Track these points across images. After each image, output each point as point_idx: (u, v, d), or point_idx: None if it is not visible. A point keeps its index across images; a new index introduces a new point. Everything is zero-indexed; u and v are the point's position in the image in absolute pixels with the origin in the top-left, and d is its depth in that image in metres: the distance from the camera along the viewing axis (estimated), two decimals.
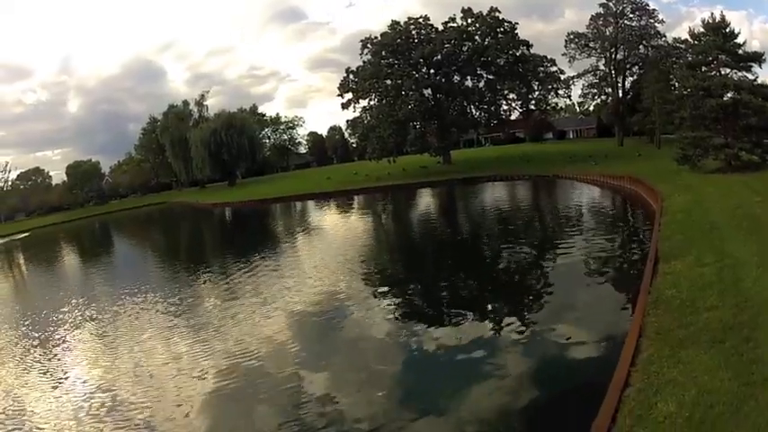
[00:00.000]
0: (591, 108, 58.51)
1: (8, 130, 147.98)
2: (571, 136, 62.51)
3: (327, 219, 37.78)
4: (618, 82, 48.45)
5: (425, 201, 38.03)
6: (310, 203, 47.20)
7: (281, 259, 23.66)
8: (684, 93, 29.00)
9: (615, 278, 13.99)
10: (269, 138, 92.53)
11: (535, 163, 37.35)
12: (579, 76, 52.04)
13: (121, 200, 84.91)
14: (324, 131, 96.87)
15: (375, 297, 15.76)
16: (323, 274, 19.24)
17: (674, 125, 32.23)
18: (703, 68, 27.85)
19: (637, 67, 47.72)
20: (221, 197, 61.88)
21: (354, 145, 74.54)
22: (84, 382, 12.73)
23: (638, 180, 23.49)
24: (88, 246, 48.55)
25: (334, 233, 29.21)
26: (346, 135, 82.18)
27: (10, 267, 41.28)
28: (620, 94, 48.12)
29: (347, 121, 55.40)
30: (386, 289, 16.58)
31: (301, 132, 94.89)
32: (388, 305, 14.92)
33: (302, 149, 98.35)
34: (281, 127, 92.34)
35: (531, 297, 13.71)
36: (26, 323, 18.90)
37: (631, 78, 48.34)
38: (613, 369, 7.60)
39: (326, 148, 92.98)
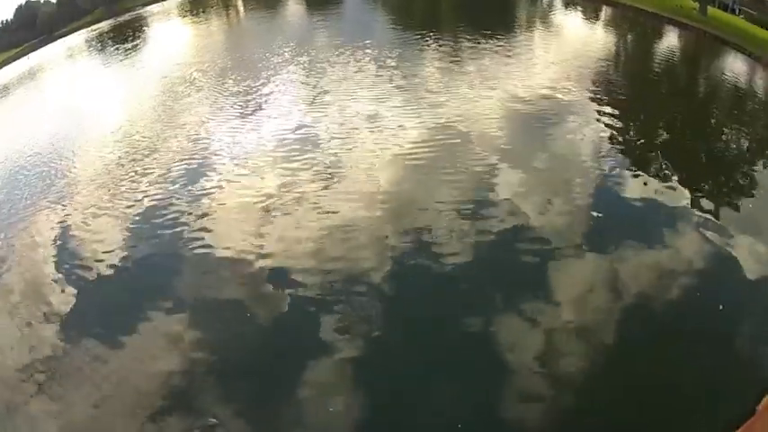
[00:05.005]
0: None
1: None
2: None
3: (570, 22, 34.03)
4: None
5: (670, 41, 30.50)
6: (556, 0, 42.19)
7: (513, 46, 22.16)
8: None
9: None
10: None
11: None
12: None
13: None
14: None
15: (596, 112, 14.86)
16: (552, 74, 18.11)
17: None
18: None
19: None
20: None
21: None
22: (286, 122, 14.96)
23: None
24: None
25: (575, 38, 26.47)
26: None
27: (227, 8, 41.88)
28: None
29: None
30: (609, 110, 15.31)
31: None
32: (605, 126, 14.08)
33: None
34: None
35: (743, 196, 11.04)
36: (237, 66, 21.05)
37: None
38: None
39: None
